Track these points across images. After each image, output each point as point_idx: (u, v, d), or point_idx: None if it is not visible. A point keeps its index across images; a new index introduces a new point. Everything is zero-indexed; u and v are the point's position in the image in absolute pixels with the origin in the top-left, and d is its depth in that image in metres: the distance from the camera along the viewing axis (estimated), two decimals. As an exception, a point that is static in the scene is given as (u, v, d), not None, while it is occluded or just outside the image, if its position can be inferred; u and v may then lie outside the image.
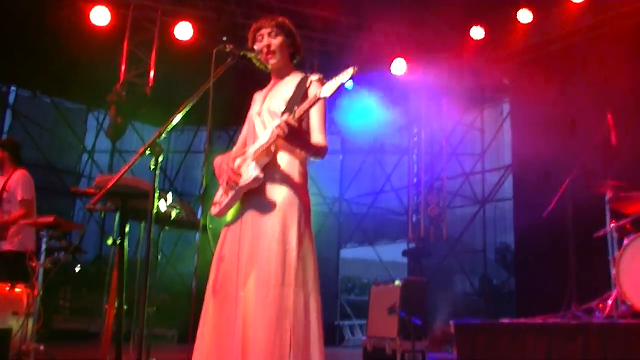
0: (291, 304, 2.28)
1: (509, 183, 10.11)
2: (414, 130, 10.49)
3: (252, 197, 2.45)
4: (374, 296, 6.68)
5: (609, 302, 4.53)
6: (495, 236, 10.63)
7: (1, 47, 8.30)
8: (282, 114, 2.44)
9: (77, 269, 8.26)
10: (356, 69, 2.17)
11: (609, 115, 4.86)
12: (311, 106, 2.32)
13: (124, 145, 11.53)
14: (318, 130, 2.50)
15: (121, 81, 7.84)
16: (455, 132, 10.86)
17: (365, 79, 8.67)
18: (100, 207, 3.50)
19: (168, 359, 5.61)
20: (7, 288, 4.27)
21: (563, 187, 4.80)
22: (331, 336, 11.06)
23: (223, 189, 2.53)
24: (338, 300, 12.64)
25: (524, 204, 8.46)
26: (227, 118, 6.72)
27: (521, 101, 8.89)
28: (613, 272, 4.51)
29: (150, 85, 7.88)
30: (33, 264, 4.36)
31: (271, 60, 2.62)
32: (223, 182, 2.52)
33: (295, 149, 2.48)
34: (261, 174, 2.40)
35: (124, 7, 7.88)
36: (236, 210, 2.50)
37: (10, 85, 10.81)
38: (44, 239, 4.56)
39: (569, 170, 4.86)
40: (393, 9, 8.18)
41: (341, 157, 13.34)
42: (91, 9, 7.51)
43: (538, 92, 7.94)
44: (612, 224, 4.77)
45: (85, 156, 11.99)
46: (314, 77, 2.52)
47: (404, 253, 10.34)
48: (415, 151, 10.44)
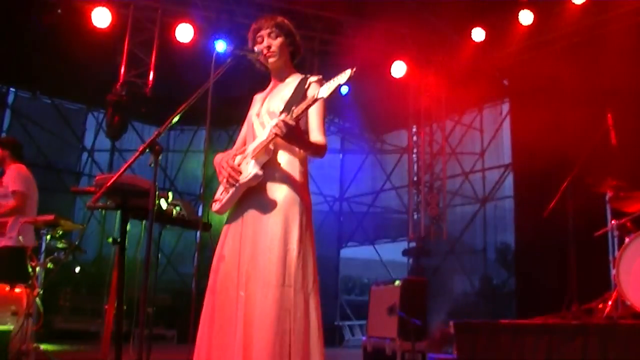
0: (291, 304, 2.28)
1: (509, 181, 10.13)
2: (414, 129, 10.50)
3: (253, 196, 2.45)
4: (374, 296, 6.68)
5: (609, 302, 4.53)
6: (495, 235, 10.62)
7: (1, 47, 8.29)
8: (280, 113, 2.44)
9: (77, 269, 8.25)
10: (354, 70, 2.17)
11: (608, 115, 4.86)
12: (309, 106, 2.33)
13: (123, 144, 11.54)
14: (317, 130, 2.51)
15: (121, 81, 7.85)
16: (455, 131, 10.87)
17: (365, 79, 8.66)
18: (100, 205, 3.50)
19: (168, 359, 5.59)
20: (7, 288, 4.27)
21: (563, 186, 4.80)
22: (331, 336, 11.08)
23: (223, 186, 2.53)
24: (338, 300, 12.65)
25: (525, 202, 8.47)
26: (227, 118, 6.72)
27: (521, 101, 8.89)
28: (613, 272, 4.51)
29: (150, 86, 7.88)
30: (33, 264, 4.35)
31: (271, 60, 2.62)
32: (223, 179, 2.52)
33: (295, 148, 2.48)
34: (260, 171, 2.40)
35: (124, 7, 7.88)
36: (237, 209, 2.50)
37: (9, 85, 10.80)
38: (44, 238, 4.55)
39: (569, 170, 4.85)
40: (393, 9, 8.17)
41: (341, 156, 13.35)
42: (92, 9, 7.50)
43: (538, 92, 7.95)
44: (613, 222, 4.78)
45: (85, 155, 12.00)
46: (313, 79, 2.53)
47: (404, 252, 10.35)
48: (415, 150, 10.44)
